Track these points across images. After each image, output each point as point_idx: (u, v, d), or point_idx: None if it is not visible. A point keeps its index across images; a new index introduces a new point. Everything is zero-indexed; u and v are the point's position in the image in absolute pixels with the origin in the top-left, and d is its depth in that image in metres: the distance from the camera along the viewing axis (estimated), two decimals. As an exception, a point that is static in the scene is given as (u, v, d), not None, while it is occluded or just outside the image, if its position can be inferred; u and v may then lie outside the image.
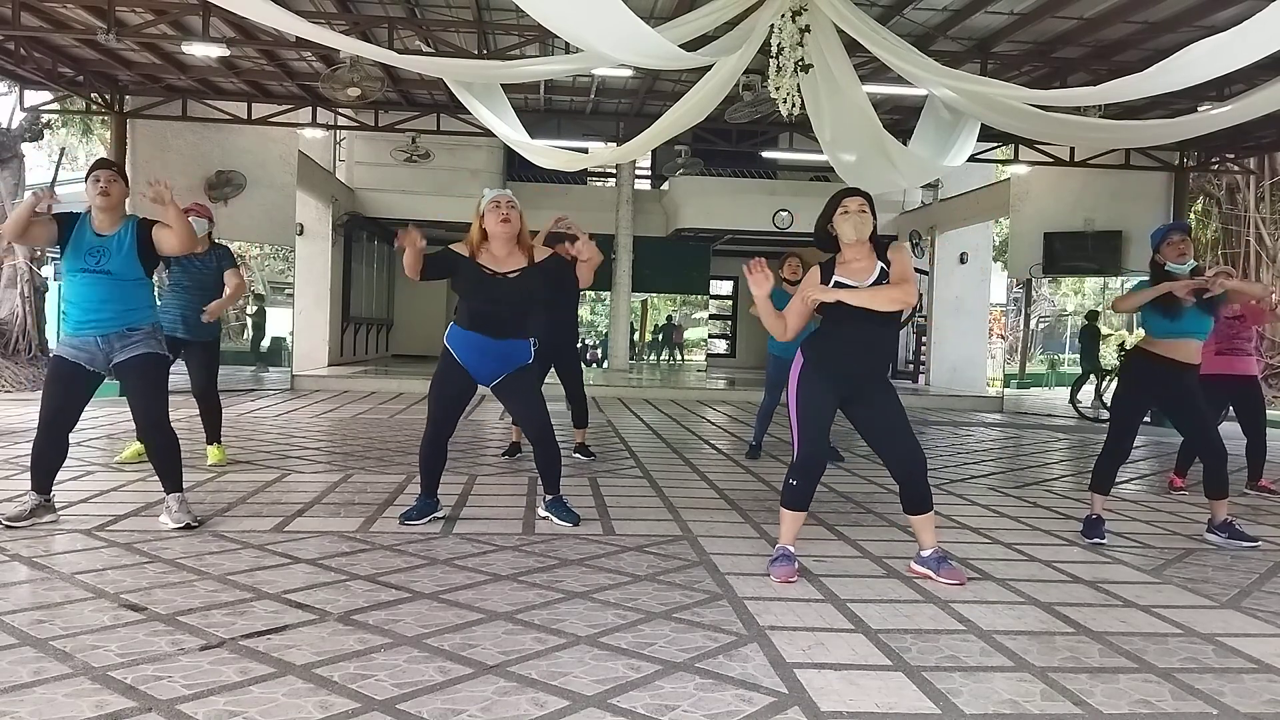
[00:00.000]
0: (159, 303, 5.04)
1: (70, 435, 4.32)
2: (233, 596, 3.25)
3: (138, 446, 5.95)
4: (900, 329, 3.94)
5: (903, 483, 3.80)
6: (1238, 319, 6.27)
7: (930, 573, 3.79)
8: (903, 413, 3.81)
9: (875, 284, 3.66)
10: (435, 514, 4.59)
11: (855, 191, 3.78)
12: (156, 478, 4.38)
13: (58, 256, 4.48)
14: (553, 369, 6.71)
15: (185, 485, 4.43)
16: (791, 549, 3.79)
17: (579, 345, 7.58)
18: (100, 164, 4.37)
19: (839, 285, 3.67)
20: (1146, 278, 4.79)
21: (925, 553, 3.84)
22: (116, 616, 3.00)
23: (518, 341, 4.53)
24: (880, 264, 3.71)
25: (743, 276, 3.73)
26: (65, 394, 4.20)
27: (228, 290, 5.87)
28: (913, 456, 3.75)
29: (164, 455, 4.30)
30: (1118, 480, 6.38)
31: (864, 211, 3.69)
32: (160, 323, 4.47)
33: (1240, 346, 6.37)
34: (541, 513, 4.74)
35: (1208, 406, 4.87)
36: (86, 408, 4.39)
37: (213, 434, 6.07)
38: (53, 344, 12.34)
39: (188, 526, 4.19)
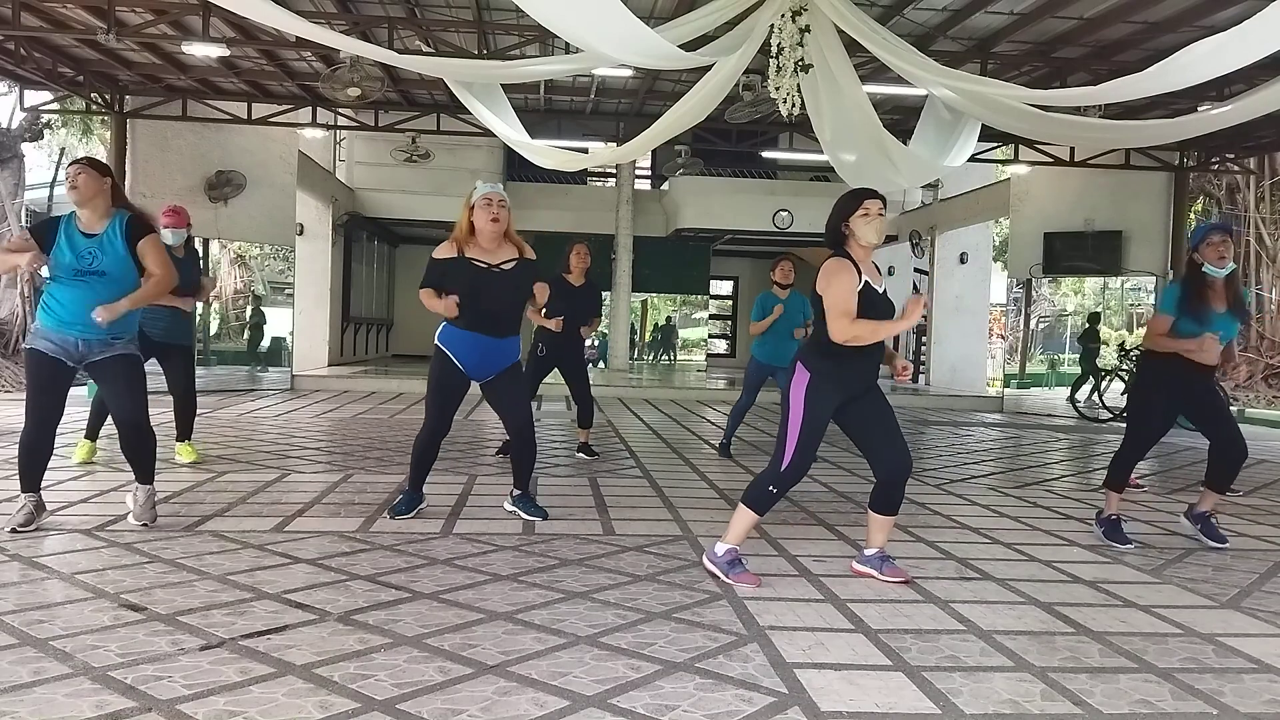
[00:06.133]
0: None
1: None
2: (233, 596, 3.25)
3: (91, 445, 5.88)
4: None
5: (888, 484, 3.74)
6: None
7: (874, 571, 3.77)
8: (894, 414, 3.80)
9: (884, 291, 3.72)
10: (421, 507, 4.65)
11: (875, 194, 3.70)
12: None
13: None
14: (557, 370, 6.69)
15: (185, 486, 4.43)
16: (739, 550, 3.74)
17: (587, 346, 7.54)
18: (72, 161, 4.29)
19: (868, 287, 3.61)
20: (1160, 278, 4.70)
21: (870, 552, 3.82)
22: (116, 616, 3.00)
23: (514, 339, 4.57)
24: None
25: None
26: (57, 391, 4.15)
27: (200, 293, 6.22)
28: (905, 458, 3.73)
29: (140, 450, 4.27)
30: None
31: (883, 215, 3.68)
32: (139, 332, 4.38)
33: None
34: (509, 507, 4.76)
35: (1227, 404, 4.73)
36: (81, 408, 4.37)
37: (185, 431, 6.08)
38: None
39: (144, 525, 4.16)
